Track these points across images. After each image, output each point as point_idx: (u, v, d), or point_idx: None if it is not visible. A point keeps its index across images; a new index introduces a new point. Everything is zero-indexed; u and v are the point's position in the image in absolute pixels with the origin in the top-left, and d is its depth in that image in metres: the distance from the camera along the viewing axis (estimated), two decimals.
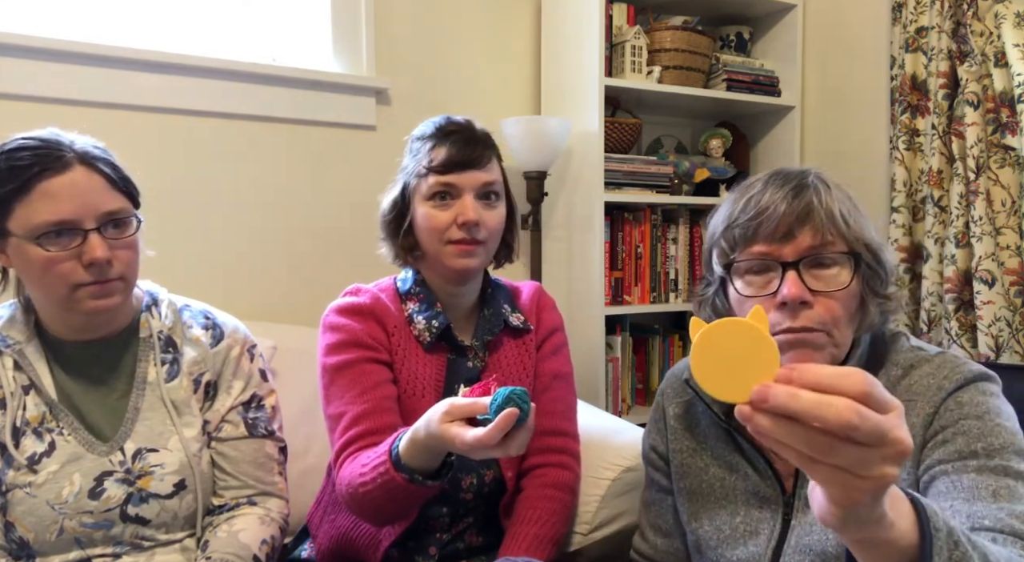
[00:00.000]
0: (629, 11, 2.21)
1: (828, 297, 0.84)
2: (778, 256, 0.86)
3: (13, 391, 1.04)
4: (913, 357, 0.90)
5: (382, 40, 2.06)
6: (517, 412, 0.87)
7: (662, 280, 2.28)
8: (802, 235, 0.85)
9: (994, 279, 1.81)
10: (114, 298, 1.02)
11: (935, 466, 0.81)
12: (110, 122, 1.74)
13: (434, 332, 1.19)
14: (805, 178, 0.89)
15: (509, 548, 1.14)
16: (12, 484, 1.01)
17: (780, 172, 0.91)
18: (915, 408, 0.85)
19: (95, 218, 0.99)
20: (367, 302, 1.20)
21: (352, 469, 1.07)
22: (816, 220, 0.84)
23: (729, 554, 0.94)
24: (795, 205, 0.85)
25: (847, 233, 0.85)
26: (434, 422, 0.93)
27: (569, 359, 1.34)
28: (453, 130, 1.18)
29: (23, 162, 0.96)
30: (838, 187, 0.91)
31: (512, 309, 1.29)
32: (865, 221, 0.89)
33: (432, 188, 1.15)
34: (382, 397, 1.14)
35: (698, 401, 1.02)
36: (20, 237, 0.97)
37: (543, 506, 1.19)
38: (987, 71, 1.84)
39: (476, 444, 0.87)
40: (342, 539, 1.23)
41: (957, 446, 0.80)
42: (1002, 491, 0.75)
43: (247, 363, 1.19)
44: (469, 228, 1.15)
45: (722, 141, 2.43)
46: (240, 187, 1.90)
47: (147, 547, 1.08)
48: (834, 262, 0.85)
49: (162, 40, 1.82)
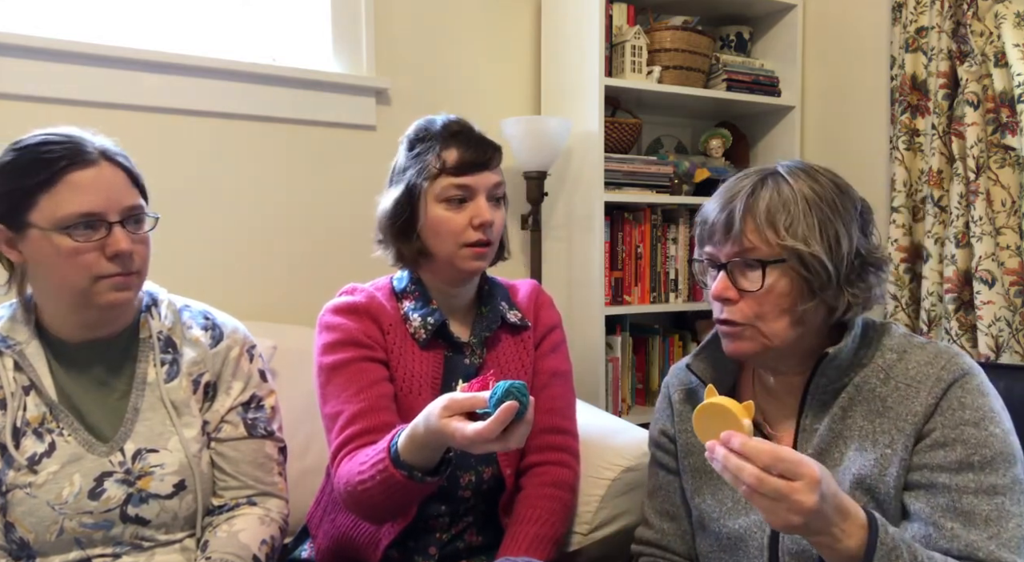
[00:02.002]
0: (629, 11, 2.21)
1: (751, 296, 0.94)
2: (716, 258, 0.98)
3: (13, 391, 1.04)
4: (906, 343, 0.97)
5: (382, 40, 2.06)
6: (516, 405, 0.88)
7: (662, 280, 2.28)
8: (728, 242, 0.95)
9: (994, 279, 1.81)
10: (130, 292, 1.05)
11: (932, 469, 0.89)
12: (110, 122, 1.72)
13: (429, 329, 1.19)
14: (755, 181, 0.96)
15: (509, 548, 1.14)
16: (12, 484, 1.01)
17: (747, 174, 0.99)
18: (918, 395, 0.92)
19: (118, 212, 1.01)
20: (362, 301, 1.20)
21: (350, 467, 1.06)
22: (733, 230, 0.94)
23: (731, 524, 1.01)
24: (720, 216, 0.96)
25: (771, 239, 0.92)
26: (433, 417, 0.93)
27: (568, 357, 1.34)
28: (458, 130, 1.18)
29: (52, 155, 0.99)
30: (811, 187, 0.94)
31: (510, 306, 1.29)
32: (817, 225, 0.92)
33: (447, 190, 1.15)
34: (379, 395, 1.14)
35: (701, 386, 1.07)
36: (44, 229, 0.98)
37: (543, 505, 1.19)
38: (987, 71, 1.84)
39: (476, 438, 0.88)
40: (342, 539, 1.23)
41: (956, 455, 0.89)
42: (993, 515, 0.86)
43: (246, 364, 1.19)
44: (485, 229, 1.16)
45: (722, 141, 2.43)
46: (240, 187, 1.90)
47: (147, 547, 1.08)
48: (756, 265, 0.93)
49: (162, 40, 1.82)
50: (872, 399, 0.94)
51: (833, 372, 0.96)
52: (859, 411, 0.95)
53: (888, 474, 0.91)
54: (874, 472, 0.91)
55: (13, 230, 1.00)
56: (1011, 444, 0.89)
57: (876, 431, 0.93)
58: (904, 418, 0.91)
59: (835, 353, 0.94)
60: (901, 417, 0.91)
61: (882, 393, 0.94)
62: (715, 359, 1.06)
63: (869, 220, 0.98)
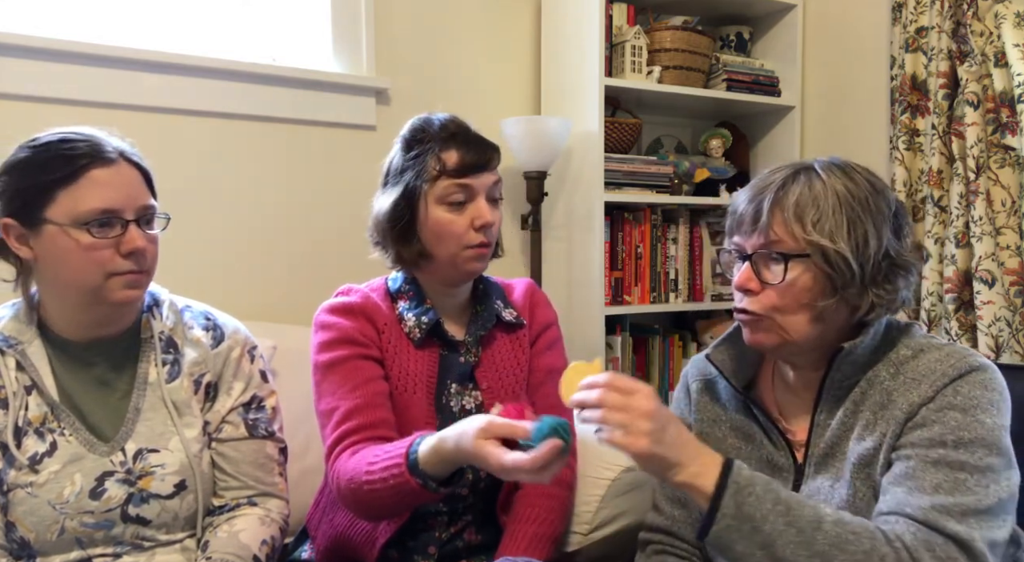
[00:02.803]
0: (629, 11, 2.21)
1: (772, 288, 0.94)
2: (743, 249, 0.98)
3: (15, 391, 1.04)
4: (925, 343, 0.96)
5: (382, 40, 2.06)
6: (561, 444, 0.89)
7: (662, 280, 2.28)
8: (755, 234, 0.96)
9: (994, 279, 1.81)
10: (140, 290, 1.06)
11: (906, 447, 0.89)
12: (110, 122, 1.71)
13: (424, 328, 1.20)
14: (787, 175, 0.96)
15: (508, 547, 1.15)
16: (14, 484, 1.01)
17: (779, 168, 0.99)
18: (917, 388, 0.91)
19: (134, 210, 1.03)
20: (357, 301, 1.21)
21: (356, 465, 1.06)
22: (761, 223, 0.94)
23: None
24: (749, 207, 0.96)
25: (797, 234, 0.92)
26: (468, 437, 0.93)
27: (564, 354, 1.34)
28: (456, 131, 1.18)
29: (75, 151, 1.01)
30: (845, 185, 0.94)
31: (505, 305, 1.29)
32: (846, 223, 0.92)
33: (448, 191, 1.15)
34: (374, 392, 1.15)
35: (719, 378, 1.08)
36: (61, 224, 0.99)
37: (541, 504, 1.19)
38: (987, 71, 1.85)
39: (513, 468, 0.89)
40: (339, 538, 1.23)
41: (931, 433, 0.88)
42: (945, 484, 0.84)
43: (247, 364, 1.19)
44: (487, 230, 1.16)
45: (722, 141, 2.43)
46: (240, 187, 1.90)
47: (147, 547, 1.08)
48: (780, 258, 0.94)
49: (162, 40, 1.82)
50: (880, 392, 0.94)
51: (848, 367, 0.96)
52: (868, 405, 0.95)
53: (879, 461, 0.91)
54: (871, 460, 0.91)
55: (27, 226, 1.01)
56: (999, 437, 0.87)
57: (877, 421, 0.93)
58: (900, 407, 0.91)
59: (850, 348, 0.94)
60: (899, 407, 0.91)
61: (890, 387, 0.94)
62: (736, 351, 1.06)
63: (904, 222, 0.97)
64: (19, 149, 1.03)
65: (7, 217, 1.01)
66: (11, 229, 1.01)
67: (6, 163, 1.03)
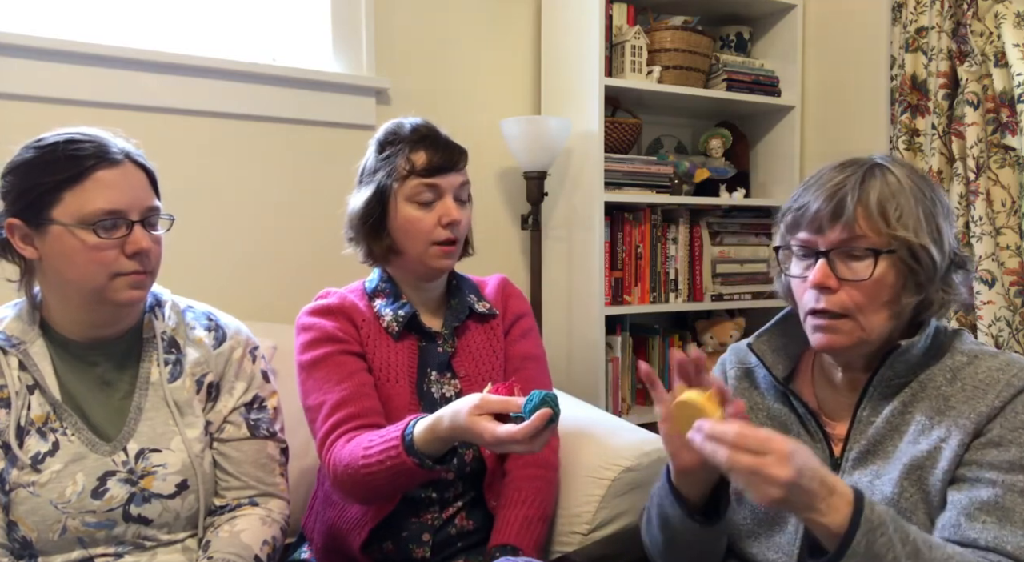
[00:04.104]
0: (629, 11, 2.21)
1: (852, 286, 0.92)
2: (815, 245, 0.95)
3: (18, 391, 1.04)
4: (978, 350, 0.96)
5: (382, 40, 2.06)
6: (551, 412, 0.95)
7: (662, 280, 2.29)
8: (832, 230, 0.93)
9: (994, 279, 1.82)
10: (144, 290, 1.07)
11: (984, 468, 0.88)
12: (110, 122, 1.72)
13: (401, 322, 1.25)
14: (863, 170, 0.95)
15: (500, 531, 1.18)
16: (16, 483, 1.02)
17: (846, 163, 0.98)
18: (985, 397, 0.90)
19: (139, 211, 1.04)
20: (335, 302, 1.27)
21: (352, 451, 1.10)
22: (845, 217, 0.92)
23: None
24: (828, 204, 0.93)
25: (882, 229, 0.91)
26: (462, 414, 0.99)
27: (540, 343, 1.40)
28: (426, 134, 1.25)
29: (82, 152, 1.01)
30: (912, 180, 0.94)
31: (478, 298, 1.35)
32: (923, 217, 0.92)
33: (416, 190, 1.22)
34: (360, 383, 1.20)
35: (760, 366, 1.09)
36: (67, 224, 0.99)
37: (528, 486, 1.24)
38: (987, 71, 1.85)
39: (507, 438, 0.95)
40: (330, 532, 1.26)
41: (1010, 456, 0.88)
42: None
43: (249, 365, 1.20)
44: (453, 227, 1.22)
45: (722, 141, 2.43)
46: (240, 187, 1.90)
47: (149, 547, 1.08)
48: (862, 255, 0.92)
49: (162, 40, 1.82)
50: (936, 397, 0.94)
51: (900, 366, 0.95)
52: (920, 407, 0.94)
53: (938, 467, 0.90)
54: (925, 464, 0.91)
55: (32, 226, 1.01)
56: None
57: (933, 425, 0.92)
58: (966, 416, 0.90)
59: (907, 346, 0.93)
60: (963, 415, 0.90)
61: (947, 392, 0.93)
62: (779, 343, 1.07)
63: (953, 220, 0.98)
64: (24, 149, 1.03)
65: (12, 217, 1.01)
66: (16, 229, 1.02)
67: (11, 163, 1.03)
